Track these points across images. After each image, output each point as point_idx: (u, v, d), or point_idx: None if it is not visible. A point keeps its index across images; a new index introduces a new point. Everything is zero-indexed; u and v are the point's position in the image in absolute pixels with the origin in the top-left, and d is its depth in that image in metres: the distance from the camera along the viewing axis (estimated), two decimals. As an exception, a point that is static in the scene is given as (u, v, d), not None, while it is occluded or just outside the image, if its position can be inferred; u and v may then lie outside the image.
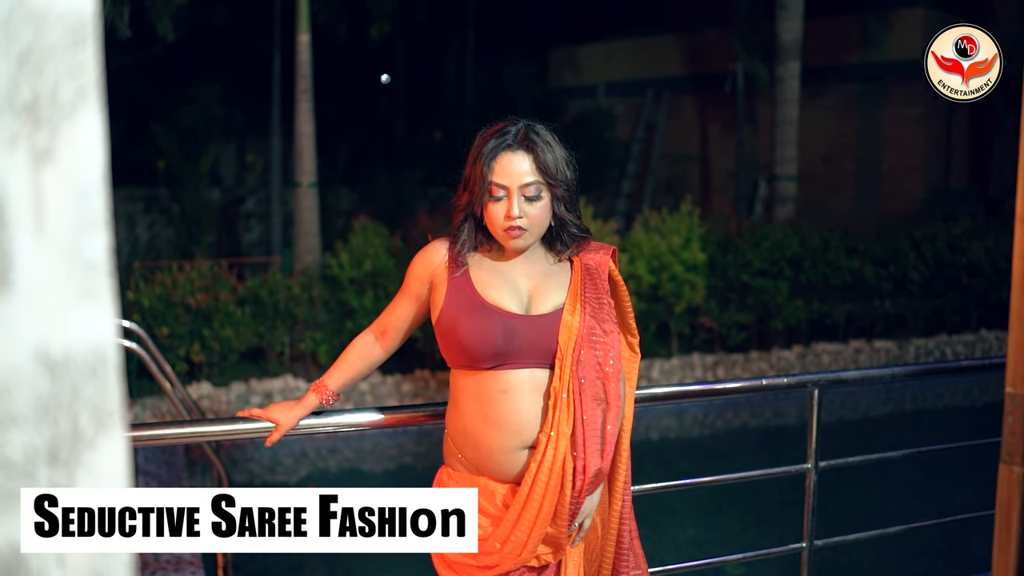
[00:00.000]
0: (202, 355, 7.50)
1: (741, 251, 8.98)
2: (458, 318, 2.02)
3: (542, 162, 2.00)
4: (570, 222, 2.09)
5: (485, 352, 1.99)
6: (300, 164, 8.52)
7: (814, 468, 3.27)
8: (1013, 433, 1.67)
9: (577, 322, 2.04)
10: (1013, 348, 1.70)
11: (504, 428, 2.02)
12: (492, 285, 2.07)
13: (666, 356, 8.96)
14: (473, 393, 2.04)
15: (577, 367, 2.01)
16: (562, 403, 2.00)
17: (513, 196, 2.00)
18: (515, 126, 2.04)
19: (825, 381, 3.20)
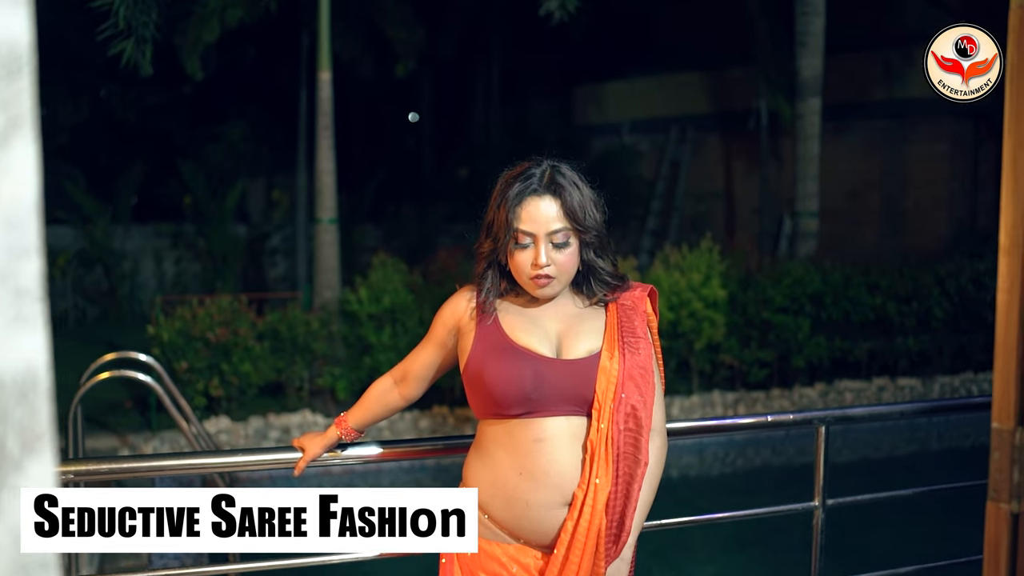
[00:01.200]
0: (221, 389, 7.54)
1: (761, 288, 8.93)
2: (486, 362, 1.93)
3: (569, 207, 1.91)
4: (600, 268, 2.00)
5: (513, 396, 1.88)
6: (320, 200, 8.60)
7: (821, 506, 3.23)
8: (1000, 469, 1.65)
9: (616, 368, 1.92)
10: (999, 382, 1.68)
11: (542, 481, 1.89)
12: (521, 328, 1.98)
13: (686, 393, 8.89)
14: (504, 442, 1.93)
15: (617, 416, 1.89)
16: (600, 456, 1.88)
17: (540, 243, 1.91)
18: (539, 168, 1.96)
19: (832, 418, 3.17)
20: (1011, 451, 1.62)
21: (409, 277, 8.43)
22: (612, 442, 1.88)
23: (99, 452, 6.84)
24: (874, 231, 14.15)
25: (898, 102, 13.40)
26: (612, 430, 1.88)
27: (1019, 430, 1.62)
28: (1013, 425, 1.63)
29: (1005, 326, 1.64)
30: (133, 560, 5.15)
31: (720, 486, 8.39)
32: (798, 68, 10.23)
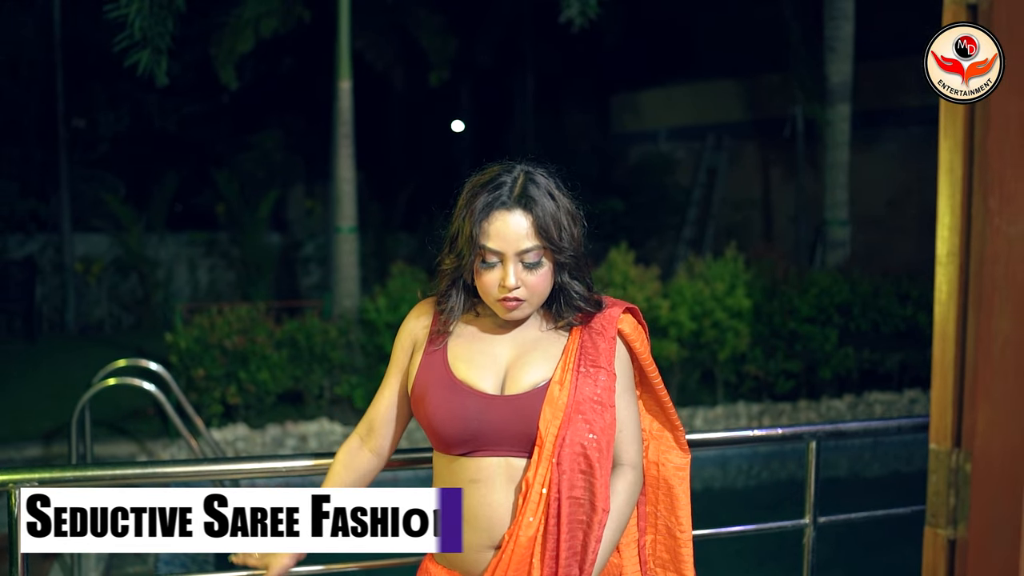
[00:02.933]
0: (238, 397, 7.56)
1: (787, 298, 8.78)
2: (426, 395, 1.78)
3: (542, 223, 1.71)
4: (573, 292, 1.79)
5: (453, 436, 1.74)
6: (340, 209, 8.61)
7: (812, 523, 3.12)
8: (937, 493, 1.55)
9: (565, 398, 1.73)
10: (936, 401, 1.59)
11: (473, 523, 1.74)
12: (466, 359, 1.80)
13: (710, 404, 8.76)
14: (445, 479, 1.80)
15: (561, 454, 1.70)
16: (534, 498, 1.69)
17: (509, 263, 1.72)
18: (511, 175, 1.75)
19: (824, 433, 3.05)
20: (948, 474, 1.53)
21: (427, 286, 8.40)
22: (551, 485, 1.69)
23: (113, 458, 6.88)
24: (913, 240, 13.86)
25: (934, 108, 13.05)
26: (553, 472, 1.69)
27: (956, 452, 1.52)
28: (950, 446, 1.53)
29: (942, 342, 1.55)
30: (140, 565, 5.15)
31: (745, 499, 8.24)
32: (827, 74, 10.06)
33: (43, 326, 12.21)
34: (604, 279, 8.67)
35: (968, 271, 1.49)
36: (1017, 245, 1.37)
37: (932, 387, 1.55)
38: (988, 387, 1.44)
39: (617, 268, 8.66)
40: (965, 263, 1.50)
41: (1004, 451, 1.39)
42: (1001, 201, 1.40)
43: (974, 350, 1.48)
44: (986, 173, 1.43)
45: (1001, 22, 1.43)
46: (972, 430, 1.47)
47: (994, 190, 1.42)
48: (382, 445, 1.94)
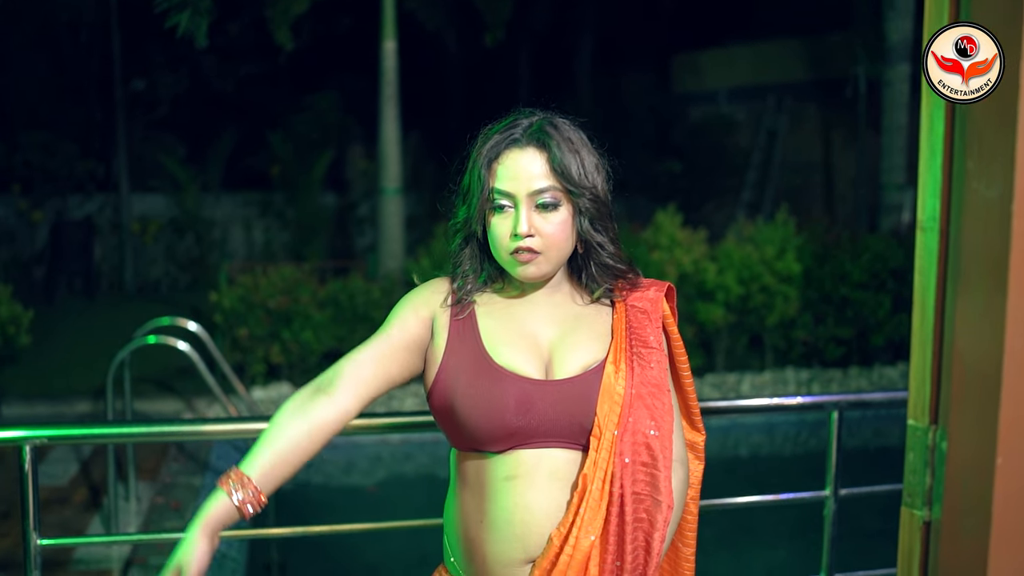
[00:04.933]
0: (282, 357, 7.63)
1: (839, 262, 8.56)
2: (458, 386, 1.54)
3: (559, 162, 1.53)
4: (598, 246, 1.60)
5: (493, 432, 1.51)
6: (386, 171, 8.59)
7: (833, 496, 3.04)
8: (914, 471, 1.47)
9: (622, 386, 1.55)
10: (915, 375, 1.50)
11: (505, 530, 1.52)
12: (504, 340, 1.58)
13: (758, 370, 8.62)
14: (472, 482, 1.57)
15: (622, 446, 1.51)
16: (592, 495, 1.49)
17: (521, 207, 1.54)
18: (529, 119, 1.59)
19: (846, 403, 2.97)
20: (924, 452, 1.45)
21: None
22: (613, 479, 1.50)
23: (159, 415, 7.01)
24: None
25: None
26: (614, 463, 1.50)
27: (933, 429, 1.44)
28: (927, 423, 1.45)
29: (920, 312, 1.46)
30: (176, 520, 5.24)
31: (793, 467, 8.11)
32: (886, 32, 9.72)
33: (102, 285, 12.47)
34: (651, 241, 8.55)
35: (949, 238, 1.40)
36: (995, 210, 1.27)
37: (911, 360, 1.46)
38: (964, 361, 1.36)
39: (664, 230, 8.53)
40: (947, 229, 1.41)
41: (978, 429, 1.31)
42: (979, 161, 1.30)
43: (952, 321, 1.39)
44: (966, 129, 1.33)
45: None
46: (949, 406, 1.39)
47: (972, 149, 1.32)
48: (344, 399, 1.57)
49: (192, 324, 5.89)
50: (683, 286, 8.41)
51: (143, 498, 5.39)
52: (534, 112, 1.61)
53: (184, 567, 1.43)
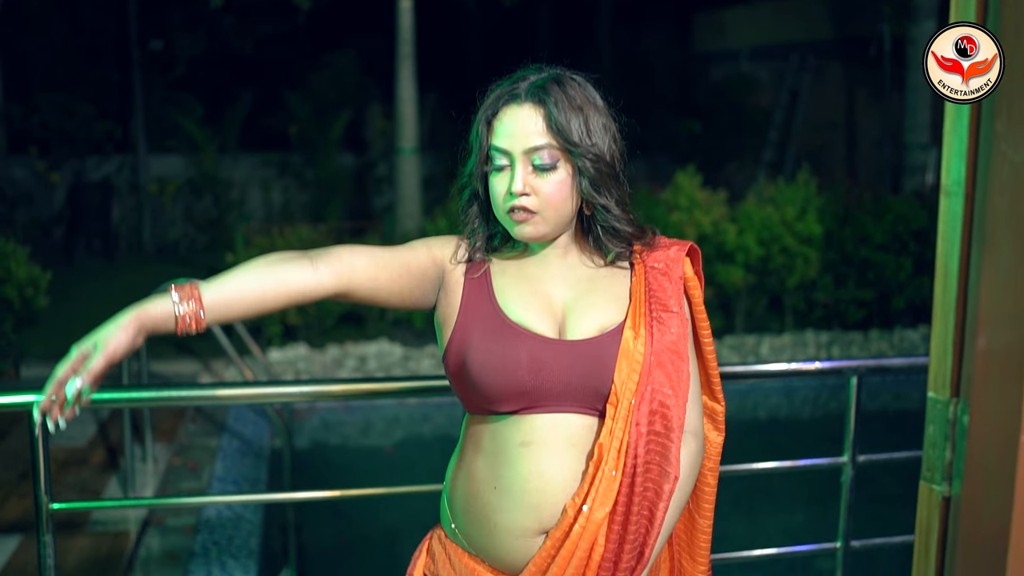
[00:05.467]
0: (298, 318, 7.63)
1: (861, 224, 8.45)
2: (470, 342, 1.50)
3: (557, 120, 1.47)
4: (602, 208, 1.53)
5: (504, 390, 1.47)
6: (402, 130, 8.52)
7: (851, 462, 3.01)
8: (933, 445, 1.42)
9: (642, 347, 1.49)
10: (936, 345, 1.45)
11: (520, 499, 1.48)
12: (516, 298, 1.54)
13: (777, 332, 8.55)
14: (486, 447, 1.53)
15: (638, 415, 1.47)
16: (608, 464, 1.45)
17: (517, 165, 1.50)
18: (537, 74, 1.54)
19: (865, 368, 2.92)
20: (945, 425, 1.40)
21: None
22: (628, 449, 1.46)
23: (176, 376, 7.04)
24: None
25: None
26: (630, 433, 1.46)
27: (955, 402, 1.39)
28: (948, 395, 1.40)
29: (943, 279, 1.40)
30: (194, 481, 5.26)
31: (810, 430, 8.07)
32: (911, -12, 9.53)
33: (120, 246, 12.49)
34: (670, 202, 8.47)
35: (975, 203, 1.34)
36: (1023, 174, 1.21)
37: (932, 330, 1.41)
38: (988, 331, 1.30)
39: (683, 191, 8.44)
40: (972, 194, 1.35)
41: (1002, 403, 1.26)
42: (1008, 123, 1.24)
43: (976, 290, 1.34)
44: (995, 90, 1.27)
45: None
46: (971, 378, 1.34)
47: (1001, 110, 1.26)
48: (324, 272, 1.51)
49: (207, 285, 5.87)
50: (703, 247, 8.31)
51: (160, 459, 5.42)
52: (542, 68, 1.56)
53: (100, 345, 1.39)
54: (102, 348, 1.39)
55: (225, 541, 4.47)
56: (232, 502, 2.71)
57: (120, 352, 1.41)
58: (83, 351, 1.40)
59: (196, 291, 1.44)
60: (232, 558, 4.32)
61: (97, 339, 1.41)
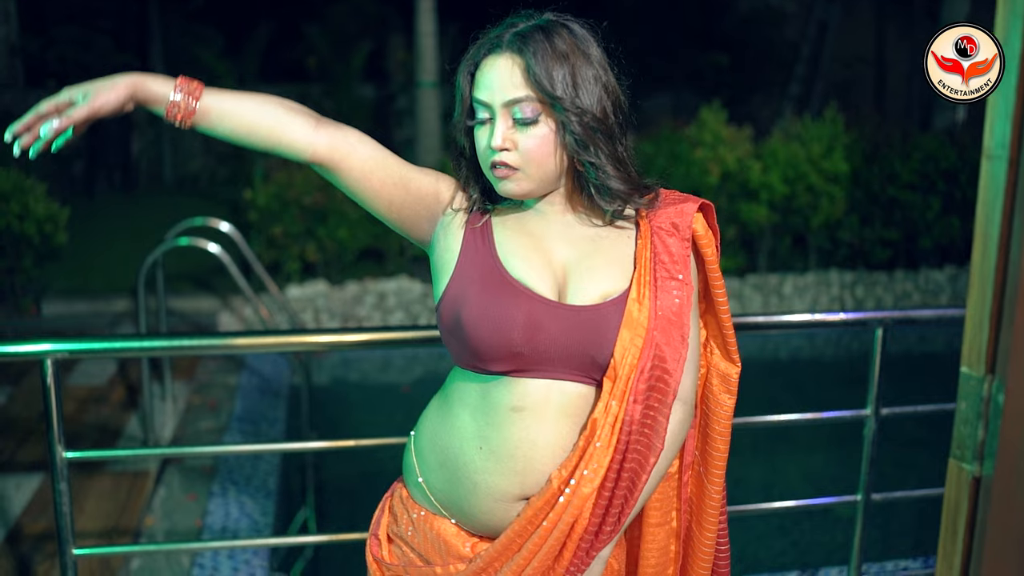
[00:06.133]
0: (317, 255, 7.59)
1: (888, 162, 8.28)
2: (467, 295, 1.42)
3: (535, 71, 1.37)
4: (591, 166, 1.43)
5: (501, 348, 1.40)
6: (422, 63, 8.37)
7: (874, 415, 2.96)
8: (965, 422, 1.35)
9: (645, 320, 1.42)
10: (971, 317, 1.37)
11: (505, 464, 1.44)
12: (518, 253, 1.46)
13: (801, 271, 8.45)
14: (474, 404, 1.46)
15: (637, 388, 1.41)
16: (601, 439, 1.40)
17: (498, 118, 1.41)
18: (526, 21, 1.43)
19: (891, 320, 2.85)
20: (979, 403, 1.33)
21: None
22: (622, 425, 1.40)
23: (194, 313, 7.04)
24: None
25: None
26: (626, 409, 1.40)
27: (989, 379, 1.32)
28: (983, 372, 1.33)
29: (982, 247, 1.32)
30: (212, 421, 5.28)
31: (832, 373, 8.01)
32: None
33: (140, 179, 12.46)
34: (694, 138, 8.32)
35: (1019, 167, 1.26)
36: (1074, 139, 1.12)
37: (968, 298, 1.33)
38: (1029, 305, 1.23)
39: (708, 127, 8.28)
40: (1017, 158, 1.26)
41: (1041, 382, 1.19)
42: (1060, 84, 1.15)
43: (1019, 259, 1.26)
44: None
45: None
46: (1008, 354, 1.27)
47: (1052, 70, 1.16)
48: (323, 136, 1.45)
49: (224, 224, 5.84)
50: (727, 185, 8.20)
51: (179, 398, 5.43)
52: (533, 15, 1.45)
53: (89, 96, 1.40)
54: (90, 98, 1.40)
55: (243, 481, 4.49)
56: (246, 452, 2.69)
57: (106, 109, 1.41)
58: (71, 96, 1.40)
59: (199, 91, 1.43)
60: (250, 498, 4.34)
61: (88, 89, 1.41)
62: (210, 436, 5.03)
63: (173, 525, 4.03)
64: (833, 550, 4.63)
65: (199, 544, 2.84)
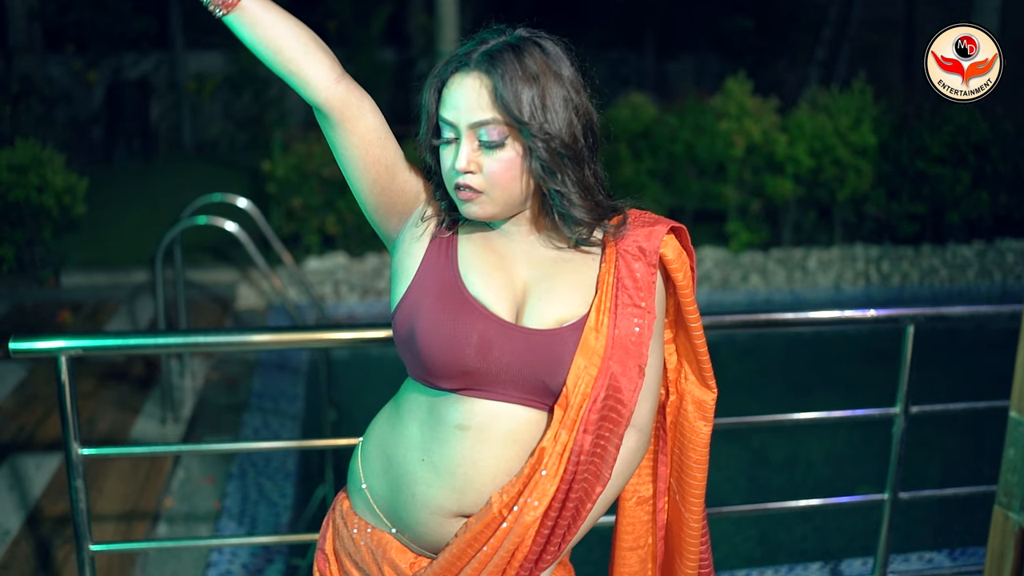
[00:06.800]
0: (336, 227, 7.53)
1: (917, 135, 8.11)
2: (422, 308, 1.39)
3: (505, 94, 1.31)
4: (555, 193, 1.38)
5: (451, 366, 1.37)
6: (443, 32, 8.24)
7: (903, 413, 2.89)
8: (1013, 470, 1.29)
9: (601, 350, 1.39)
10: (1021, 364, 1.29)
11: (444, 479, 1.42)
12: (480, 271, 1.43)
13: (826, 245, 8.33)
14: (422, 417, 1.45)
15: (589, 418, 1.38)
16: (548, 468, 1.38)
17: (463, 139, 1.36)
18: (497, 37, 1.38)
19: (923, 317, 2.77)
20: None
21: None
22: (570, 456, 1.38)
23: (213, 284, 7.01)
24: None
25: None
26: (576, 439, 1.38)
27: (1043, 422, 1.24)
28: (1036, 415, 1.25)
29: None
30: (233, 397, 5.26)
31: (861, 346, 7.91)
32: None
33: (160, 145, 12.41)
34: (719, 109, 8.18)
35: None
36: None
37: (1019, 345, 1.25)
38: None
39: (733, 98, 8.14)
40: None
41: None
42: None
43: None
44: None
45: None
46: (1064, 401, 1.19)
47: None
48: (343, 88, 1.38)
49: (242, 200, 5.79)
50: (752, 158, 8.07)
51: (198, 374, 5.41)
52: (504, 31, 1.39)
53: None
54: None
55: (262, 462, 4.47)
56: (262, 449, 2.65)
57: None
58: None
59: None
60: (269, 479, 4.33)
61: None
62: (229, 413, 5.01)
63: (192, 508, 4.02)
64: (854, 536, 4.59)
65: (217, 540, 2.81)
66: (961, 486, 3.15)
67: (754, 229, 7.95)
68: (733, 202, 8.07)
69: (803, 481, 5.26)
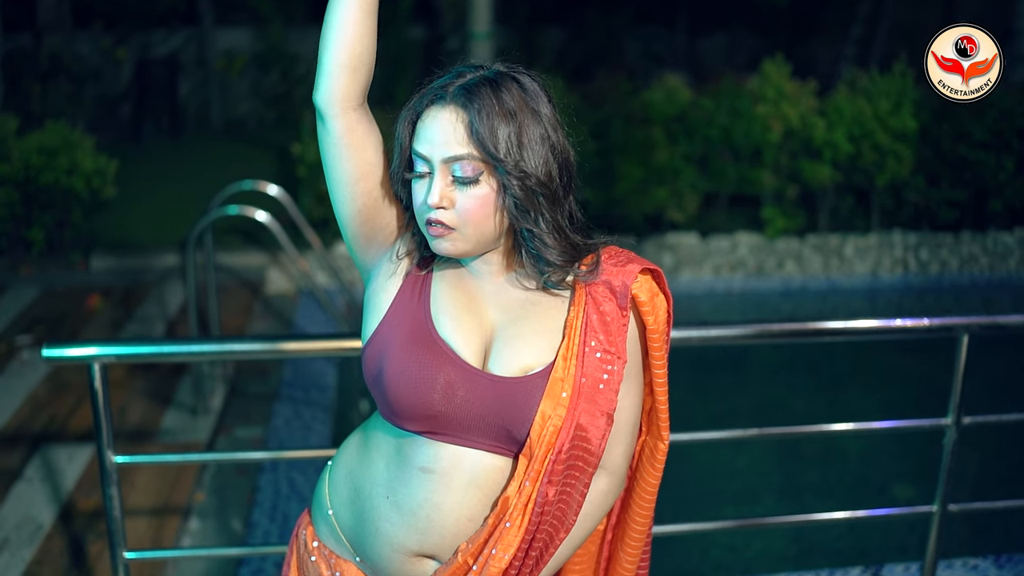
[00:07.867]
0: (366, 212, 7.46)
1: (959, 120, 7.93)
2: (390, 349, 1.38)
3: (480, 129, 1.29)
4: (528, 232, 1.35)
5: (416, 410, 1.36)
6: (475, 13, 8.13)
7: (955, 424, 2.81)
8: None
9: (565, 406, 1.36)
10: None
11: (407, 519, 1.41)
12: (451, 313, 1.41)
13: (863, 231, 8.18)
14: (390, 456, 1.45)
15: (554, 468, 1.37)
16: (512, 518, 1.37)
17: (436, 174, 1.34)
18: (474, 72, 1.36)
19: (977, 326, 2.69)
20: None
21: (563, 99, 7.95)
22: (535, 507, 1.37)
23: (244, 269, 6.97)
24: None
25: None
26: (540, 490, 1.36)
27: None
28: None
29: None
30: (262, 385, 5.23)
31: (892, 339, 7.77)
32: None
33: (188, 123, 12.38)
34: (756, 93, 8.03)
35: None
36: None
37: None
38: None
39: (771, 82, 7.98)
40: None
41: None
42: None
43: None
44: None
45: None
46: None
47: None
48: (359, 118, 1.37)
49: (272, 187, 5.75)
50: (789, 143, 7.93)
51: (228, 363, 5.38)
52: (481, 67, 1.38)
53: None
54: None
55: (293, 455, 4.43)
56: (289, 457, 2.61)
57: None
58: None
59: None
60: (300, 473, 4.29)
61: None
62: (259, 403, 4.98)
63: (223, 501, 3.99)
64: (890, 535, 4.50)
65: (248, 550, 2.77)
66: (1009, 498, 3.07)
67: (790, 215, 7.82)
68: (769, 187, 7.93)
69: (839, 479, 5.17)
